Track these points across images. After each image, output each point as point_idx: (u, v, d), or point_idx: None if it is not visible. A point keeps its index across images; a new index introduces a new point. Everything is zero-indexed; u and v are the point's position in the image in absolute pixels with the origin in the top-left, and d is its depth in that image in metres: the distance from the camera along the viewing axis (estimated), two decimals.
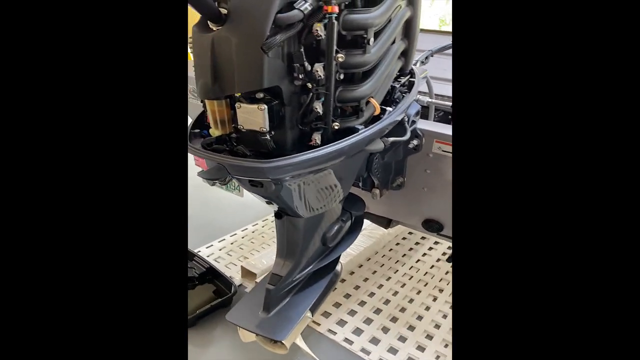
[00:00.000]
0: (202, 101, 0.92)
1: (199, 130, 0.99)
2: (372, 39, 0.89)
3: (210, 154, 0.90)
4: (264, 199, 1.10)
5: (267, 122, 0.85)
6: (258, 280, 1.77)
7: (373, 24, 0.88)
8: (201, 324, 1.63)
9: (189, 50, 0.86)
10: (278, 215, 1.16)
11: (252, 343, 1.33)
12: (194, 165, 2.12)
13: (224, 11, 0.78)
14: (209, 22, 0.81)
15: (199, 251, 2.00)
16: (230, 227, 2.27)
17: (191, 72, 0.84)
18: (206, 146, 0.94)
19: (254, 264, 1.84)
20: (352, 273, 1.92)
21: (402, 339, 1.57)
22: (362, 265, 1.98)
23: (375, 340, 1.56)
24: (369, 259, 2.03)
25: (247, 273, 1.84)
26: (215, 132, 0.92)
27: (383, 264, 2.00)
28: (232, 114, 0.90)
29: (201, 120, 1.00)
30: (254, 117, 0.85)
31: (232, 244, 2.12)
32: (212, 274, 1.83)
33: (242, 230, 2.23)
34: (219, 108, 0.88)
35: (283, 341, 1.25)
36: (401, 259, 2.04)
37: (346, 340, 1.56)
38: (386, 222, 1.68)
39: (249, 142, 0.93)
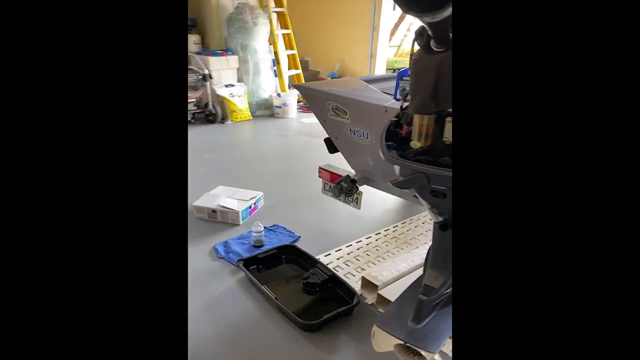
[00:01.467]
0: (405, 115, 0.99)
1: (391, 143, 1.05)
2: None
3: (416, 164, 0.96)
4: (435, 210, 1.14)
5: None
6: (379, 291, 1.80)
7: None
8: (325, 329, 1.68)
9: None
10: (443, 227, 1.19)
11: (378, 354, 1.34)
12: (317, 177, 2.24)
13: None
14: (434, 45, 0.88)
15: (319, 258, 2.07)
16: (345, 238, 2.33)
17: (336, 91, 0.87)
18: (407, 156, 1.00)
19: (374, 276, 1.87)
20: None
21: None
22: None
23: None
24: None
25: (367, 284, 1.87)
26: (417, 144, 0.98)
27: None
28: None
29: (392, 133, 1.07)
30: None
31: (348, 254, 2.17)
32: (333, 282, 1.89)
33: (357, 242, 2.28)
34: (428, 122, 0.94)
35: (430, 354, 1.26)
36: None
37: None
38: None
39: (441, 154, 0.98)
